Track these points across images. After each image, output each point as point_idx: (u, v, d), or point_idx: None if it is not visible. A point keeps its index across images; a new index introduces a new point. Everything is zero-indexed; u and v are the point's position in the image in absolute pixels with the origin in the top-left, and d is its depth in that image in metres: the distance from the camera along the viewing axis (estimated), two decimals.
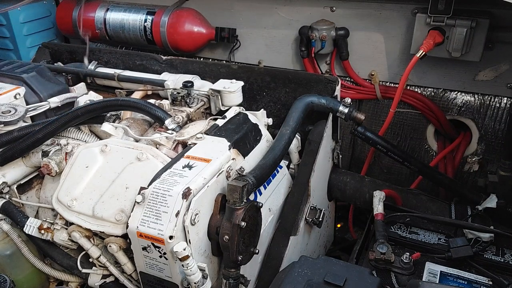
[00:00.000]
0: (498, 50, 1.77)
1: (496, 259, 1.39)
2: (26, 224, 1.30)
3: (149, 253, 1.10)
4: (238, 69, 1.74)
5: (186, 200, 1.07)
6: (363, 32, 2.00)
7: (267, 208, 1.38)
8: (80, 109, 1.41)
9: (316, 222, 1.50)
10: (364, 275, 1.05)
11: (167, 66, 1.85)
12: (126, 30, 2.27)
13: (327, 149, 1.64)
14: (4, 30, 2.31)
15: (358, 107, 2.11)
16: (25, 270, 1.37)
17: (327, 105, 1.55)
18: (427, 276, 1.32)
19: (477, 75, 1.87)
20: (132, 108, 1.47)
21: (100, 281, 1.27)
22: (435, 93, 1.95)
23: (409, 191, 1.71)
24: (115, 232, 1.16)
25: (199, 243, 1.13)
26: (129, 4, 2.32)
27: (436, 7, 1.70)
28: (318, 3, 2.03)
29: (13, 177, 1.40)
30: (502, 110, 1.86)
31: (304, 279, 1.03)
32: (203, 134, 1.32)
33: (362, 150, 2.18)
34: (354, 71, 2.06)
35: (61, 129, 1.41)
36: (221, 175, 1.19)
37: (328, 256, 1.20)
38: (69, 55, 2.04)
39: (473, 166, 1.95)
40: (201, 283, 1.07)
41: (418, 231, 1.52)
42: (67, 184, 1.26)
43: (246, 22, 2.16)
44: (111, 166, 1.25)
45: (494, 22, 1.69)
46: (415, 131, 2.04)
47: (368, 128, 1.69)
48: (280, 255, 1.39)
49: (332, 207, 1.87)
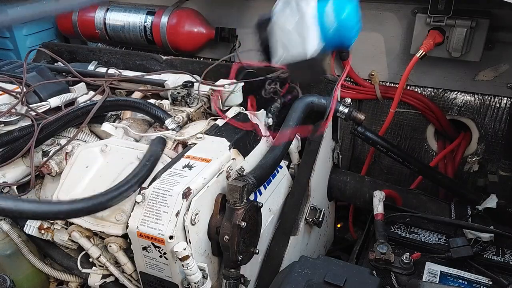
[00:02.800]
0: (498, 50, 1.77)
1: (496, 259, 1.38)
2: (26, 224, 1.30)
3: (149, 253, 1.10)
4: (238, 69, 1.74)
5: (186, 200, 1.07)
6: (363, 32, 1.97)
7: (267, 208, 1.38)
8: (80, 109, 1.41)
9: (316, 222, 1.50)
10: (364, 275, 1.05)
11: (167, 66, 1.85)
12: (126, 30, 2.27)
13: (327, 149, 1.64)
14: (4, 30, 2.31)
15: (358, 107, 2.11)
16: (25, 270, 1.37)
17: (327, 105, 1.55)
18: (427, 276, 1.32)
19: (477, 75, 1.86)
20: (132, 108, 1.47)
21: (100, 281, 1.27)
22: (435, 93, 1.95)
23: (409, 191, 1.71)
24: (115, 232, 1.16)
25: (199, 243, 1.13)
26: (129, 4, 2.31)
27: (436, 7, 1.70)
28: None
29: (13, 177, 1.40)
30: (502, 110, 1.85)
31: (304, 279, 1.03)
32: (203, 134, 1.32)
33: (362, 150, 2.18)
34: (354, 71, 2.06)
35: (61, 129, 1.41)
36: (221, 175, 1.19)
37: (328, 256, 1.20)
38: (69, 55, 2.04)
39: (473, 166, 1.95)
40: (201, 283, 1.07)
41: (418, 231, 1.52)
42: (67, 184, 1.26)
43: (246, 22, 2.16)
44: (111, 166, 1.25)
45: (494, 22, 1.69)
46: (415, 131, 2.04)
47: (368, 128, 1.68)
48: (280, 255, 1.39)
49: (332, 207, 1.87)
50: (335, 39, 0.84)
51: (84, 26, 2.37)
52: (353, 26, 0.82)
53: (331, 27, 0.81)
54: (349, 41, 0.84)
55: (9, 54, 2.37)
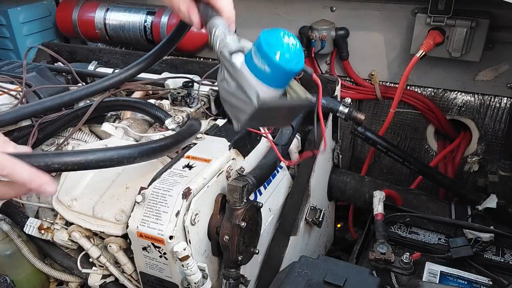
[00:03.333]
0: (498, 50, 1.77)
1: (496, 259, 1.38)
2: (26, 224, 1.30)
3: (149, 253, 1.10)
4: None
5: (186, 200, 1.07)
6: (363, 32, 2.00)
7: (267, 208, 1.38)
8: (80, 109, 1.41)
9: (316, 222, 1.50)
10: (364, 275, 1.05)
11: (167, 66, 1.85)
12: (126, 30, 2.27)
13: (327, 149, 1.64)
14: (4, 30, 2.31)
15: (358, 107, 2.11)
16: (25, 270, 1.37)
17: (327, 105, 1.55)
18: (427, 276, 1.32)
19: (477, 75, 1.87)
20: (132, 108, 1.47)
21: (100, 281, 1.27)
22: (435, 93, 1.95)
23: (409, 191, 1.71)
24: (115, 232, 1.16)
25: (199, 243, 1.13)
26: (129, 4, 2.31)
27: (436, 7, 1.70)
28: (318, 3, 2.03)
29: None
30: (502, 110, 1.86)
31: (304, 279, 1.03)
32: (203, 134, 1.32)
33: (362, 150, 2.18)
34: (354, 71, 2.06)
35: (61, 129, 1.41)
36: (221, 175, 1.19)
37: (328, 256, 1.20)
38: (69, 55, 2.04)
39: (473, 166, 1.95)
40: (201, 283, 1.07)
41: (418, 231, 1.52)
42: (67, 184, 1.25)
43: (246, 22, 2.16)
44: None
45: (494, 22, 1.70)
46: (415, 131, 2.04)
47: (368, 128, 1.68)
48: (280, 255, 1.39)
49: (332, 207, 1.87)
50: (278, 76, 0.78)
51: (84, 26, 2.37)
52: (291, 58, 0.77)
53: (266, 69, 0.77)
54: (296, 68, 0.79)
55: (9, 54, 2.37)
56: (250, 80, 0.78)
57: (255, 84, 0.78)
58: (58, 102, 1.36)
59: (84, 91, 1.40)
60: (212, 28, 0.86)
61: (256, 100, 0.76)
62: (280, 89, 0.83)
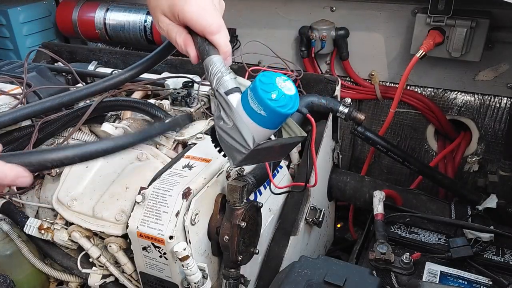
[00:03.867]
0: (498, 50, 1.77)
1: (496, 259, 1.38)
2: (26, 224, 1.30)
3: (149, 253, 1.10)
4: (238, 69, 1.74)
5: (186, 200, 1.07)
6: (363, 32, 2.00)
7: (267, 208, 1.38)
8: (80, 109, 1.41)
9: (316, 222, 1.50)
10: (364, 275, 1.05)
11: (167, 66, 1.85)
12: (126, 30, 2.27)
13: (327, 149, 1.64)
14: (4, 30, 2.31)
15: (358, 107, 2.11)
16: (25, 270, 1.37)
17: (327, 105, 1.55)
18: (427, 276, 1.32)
19: (477, 75, 1.87)
20: (132, 108, 1.47)
21: (100, 281, 1.27)
22: (435, 93, 1.96)
23: (409, 191, 1.71)
24: (115, 232, 1.16)
25: (199, 243, 1.13)
26: (129, 4, 2.32)
27: (436, 7, 1.71)
28: (318, 3, 2.03)
29: None
30: (502, 110, 1.86)
31: (304, 279, 1.03)
32: (203, 134, 1.32)
33: (362, 150, 2.18)
34: (354, 71, 2.07)
35: (61, 129, 1.41)
36: (221, 175, 1.19)
37: (328, 256, 1.20)
38: (69, 55, 2.04)
39: (473, 166, 1.95)
40: (201, 283, 1.07)
41: (418, 231, 1.52)
42: (67, 184, 1.26)
43: (246, 22, 2.16)
44: (111, 166, 1.25)
45: (494, 22, 1.70)
46: (415, 131, 2.04)
47: (368, 128, 1.69)
48: (280, 255, 1.39)
49: (332, 207, 1.87)
50: (273, 119, 0.79)
51: (84, 26, 2.37)
52: (286, 103, 0.77)
53: (261, 112, 0.78)
54: (291, 112, 0.80)
55: (9, 54, 2.37)
56: (245, 121, 0.79)
57: (250, 126, 0.79)
58: (58, 102, 1.36)
59: (84, 91, 1.40)
60: (209, 66, 0.88)
61: (252, 143, 0.78)
62: (275, 129, 0.84)
